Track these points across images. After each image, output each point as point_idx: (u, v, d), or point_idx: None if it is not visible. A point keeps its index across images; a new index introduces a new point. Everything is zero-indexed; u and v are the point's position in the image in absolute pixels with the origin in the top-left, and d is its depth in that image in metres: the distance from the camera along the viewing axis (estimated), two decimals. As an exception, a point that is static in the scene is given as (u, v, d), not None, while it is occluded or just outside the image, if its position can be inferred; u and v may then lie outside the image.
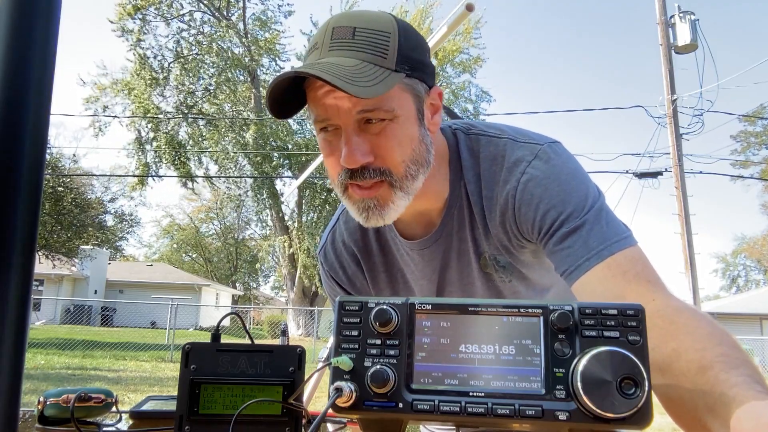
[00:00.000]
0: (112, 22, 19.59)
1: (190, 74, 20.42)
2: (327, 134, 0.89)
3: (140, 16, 19.84)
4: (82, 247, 21.53)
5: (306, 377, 0.67)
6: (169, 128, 20.51)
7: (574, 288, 0.85)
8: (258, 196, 21.30)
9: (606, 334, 0.54)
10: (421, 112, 0.90)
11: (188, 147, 20.91)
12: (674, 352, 0.68)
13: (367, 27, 0.85)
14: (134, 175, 20.74)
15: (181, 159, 20.56)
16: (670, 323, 0.72)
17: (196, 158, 21.03)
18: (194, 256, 43.10)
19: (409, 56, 0.86)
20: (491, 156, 0.97)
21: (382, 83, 0.81)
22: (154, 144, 20.35)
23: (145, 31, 20.09)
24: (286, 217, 21.82)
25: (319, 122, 0.88)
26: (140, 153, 20.39)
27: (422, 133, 0.90)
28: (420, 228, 1.04)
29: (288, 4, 20.96)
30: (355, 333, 0.58)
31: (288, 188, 22.13)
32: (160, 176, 21.15)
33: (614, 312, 0.55)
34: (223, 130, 19.92)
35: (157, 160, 20.68)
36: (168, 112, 20.65)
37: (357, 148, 0.85)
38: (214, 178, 22.88)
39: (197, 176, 21.56)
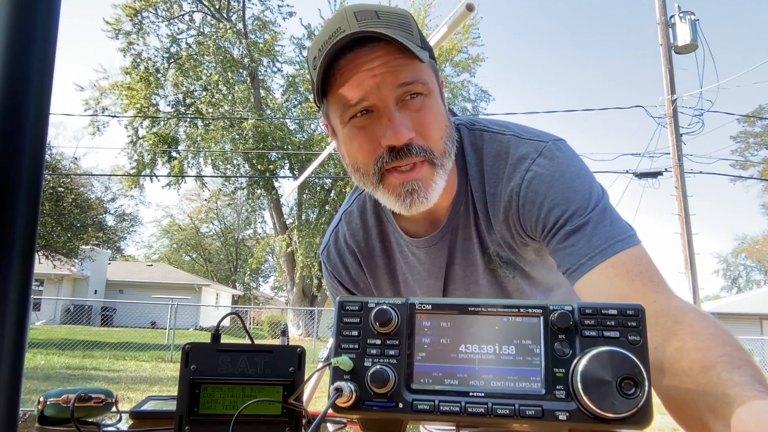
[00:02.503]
0: (108, 23, 19.61)
1: (189, 74, 20.43)
2: (359, 120, 0.87)
3: (139, 18, 19.85)
4: (82, 247, 21.52)
5: (306, 377, 0.67)
6: (167, 128, 20.52)
7: (577, 286, 0.85)
8: (252, 195, 21.29)
9: (606, 334, 0.54)
10: (441, 91, 0.92)
11: (186, 147, 20.92)
12: (677, 351, 0.68)
13: (386, 11, 0.86)
14: (133, 175, 20.75)
15: (179, 160, 20.58)
16: (674, 323, 0.72)
17: (194, 158, 21.04)
18: (194, 256, 43.09)
19: (424, 39, 0.89)
20: (495, 152, 0.96)
21: (421, 52, 0.83)
22: (150, 143, 20.36)
23: (144, 33, 20.11)
24: (285, 216, 21.81)
25: (353, 107, 0.86)
26: (136, 152, 20.42)
27: (446, 112, 0.92)
28: (426, 226, 1.03)
29: (288, 5, 20.99)
30: (355, 333, 0.58)
31: (288, 188, 22.14)
32: (158, 176, 21.18)
33: (614, 312, 0.55)
34: (221, 129, 19.90)
35: (154, 160, 20.70)
36: (166, 113, 20.66)
37: (402, 123, 0.84)
38: (210, 178, 22.93)
39: (196, 176, 21.56)
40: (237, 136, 19.55)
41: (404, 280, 1.11)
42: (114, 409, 0.91)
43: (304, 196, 21.11)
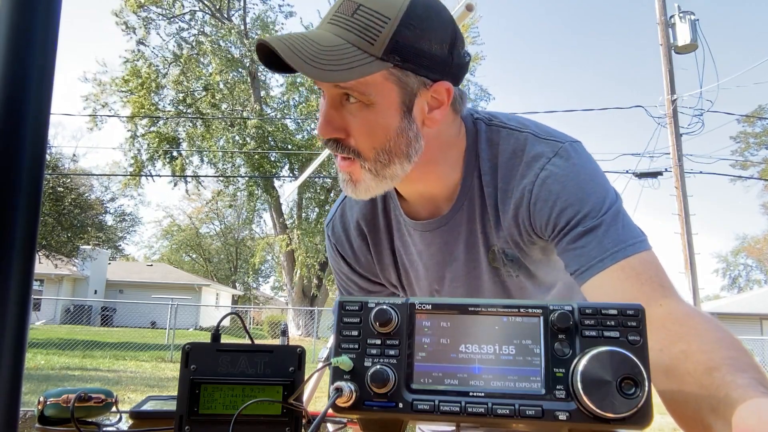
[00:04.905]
0: (117, 16, 19.63)
1: (189, 74, 20.42)
2: (321, 98, 0.90)
3: (143, 14, 19.88)
4: (82, 247, 21.52)
5: (306, 377, 0.67)
6: (167, 127, 20.51)
7: (585, 288, 0.85)
8: (252, 196, 21.25)
9: (606, 334, 0.54)
10: (407, 105, 0.87)
11: (186, 146, 20.91)
12: (682, 353, 0.68)
13: (371, 7, 0.83)
14: (132, 174, 20.72)
15: (179, 160, 20.56)
16: (680, 326, 0.72)
17: (194, 157, 21.04)
18: (194, 256, 43.08)
19: (405, 46, 0.82)
20: (511, 149, 0.96)
21: (354, 69, 0.80)
22: (151, 141, 20.34)
23: (148, 29, 20.12)
24: (285, 216, 21.79)
25: (316, 85, 0.90)
26: (135, 151, 20.41)
27: (404, 126, 0.88)
28: (425, 212, 1.03)
29: (288, 4, 20.97)
30: (355, 333, 0.58)
31: (288, 188, 22.12)
32: (158, 175, 21.17)
33: (614, 312, 0.55)
34: (221, 129, 19.90)
35: (153, 158, 20.67)
36: (167, 111, 20.66)
37: (330, 121, 0.86)
38: (210, 178, 22.91)
39: (196, 176, 21.56)
40: (237, 137, 19.55)
41: (401, 258, 1.12)
42: (114, 409, 0.91)
43: (306, 194, 21.09)
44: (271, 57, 0.84)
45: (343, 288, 1.23)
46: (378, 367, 0.56)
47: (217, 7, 20.83)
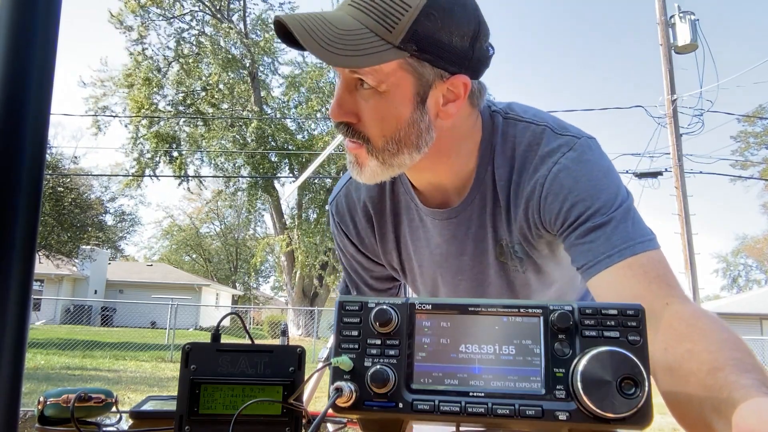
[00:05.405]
0: (113, 16, 19.64)
1: (190, 74, 20.41)
2: (337, 78, 0.89)
3: (141, 14, 19.86)
4: (82, 247, 21.52)
5: (306, 377, 0.67)
6: (167, 127, 20.51)
7: (591, 283, 0.85)
8: (253, 196, 21.24)
9: (606, 334, 0.55)
10: (421, 96, 0.86)
11: (187, 146, 20.91)
12: (687, 352, 0.68)
13: None
14: (133, 175, 20.72)
15: (179, 159, 20.55)
16: (687, 326, 0.72)
17: (194, 157, 21.03)
18: (194, 256, 43.07)
19: (424, 36, 0.81)
20: (527, 142, 0.95)
21: (369, 56, 0.79)
22: (151, 142, 20.34)
23: (147, 28, 20.11)
24: (286, 216, 21.79)
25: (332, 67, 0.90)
26: (136, 151, 20.40)
27: (416, 117, 0.87)
28: (434, 201, 1.03)
29: (289, 1, 20.94)
30: (355, 333, 0.58)
31: (288, 188, 22.13)
32: (158, 176, 21.15)
33: (614, 312, 0.55)
34: (222, 129, 19.90)
35: (155, 158, 20.67)
36: (167, 111, 20.65)
37: (342, 104, 0.86)
38: (210, 178, 22.90)
39: (197, 176, 21.56)
40: (237, 137, 19.54)
41: (404, 243, 1.11)
42: (114, 409, 0.91)
43: (306, 195, 21.08)
44: (289, 34, 0.83)
45: (347, 266, 1.22)
46: (378, 367, 0.56)
47: (218, 7, 20.81)
